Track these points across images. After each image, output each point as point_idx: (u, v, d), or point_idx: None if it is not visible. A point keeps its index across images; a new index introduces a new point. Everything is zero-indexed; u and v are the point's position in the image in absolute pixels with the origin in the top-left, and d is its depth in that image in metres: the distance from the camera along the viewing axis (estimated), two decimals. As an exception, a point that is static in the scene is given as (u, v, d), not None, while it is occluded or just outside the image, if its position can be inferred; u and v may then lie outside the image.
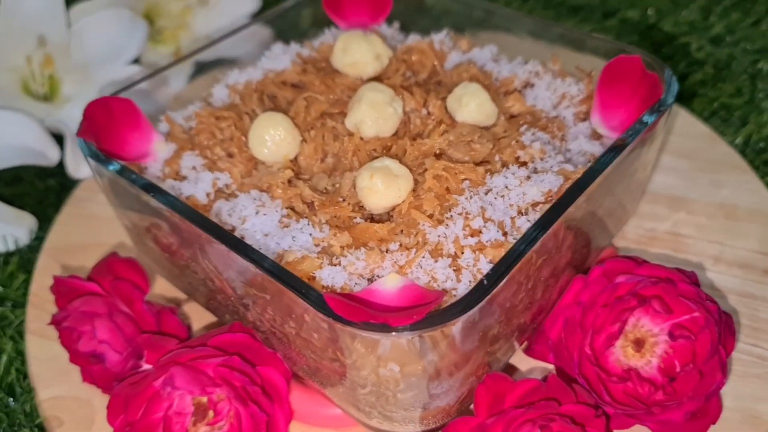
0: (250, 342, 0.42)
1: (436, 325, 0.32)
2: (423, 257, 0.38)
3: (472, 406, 0.40)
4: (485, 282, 0.34)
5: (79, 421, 0.46)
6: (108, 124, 0.46)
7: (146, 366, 0.44)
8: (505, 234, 0.39)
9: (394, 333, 0.32)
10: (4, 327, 0.54)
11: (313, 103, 0.48)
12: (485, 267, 0.37)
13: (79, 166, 0.65)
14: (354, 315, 0.32)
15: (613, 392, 0.41)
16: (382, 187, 0.40)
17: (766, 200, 0.57)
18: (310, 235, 0.40)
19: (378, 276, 0.38)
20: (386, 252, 0.39)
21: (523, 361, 0.47)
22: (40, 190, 0.67)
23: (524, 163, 0.43)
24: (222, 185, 0.44)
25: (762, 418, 0.43)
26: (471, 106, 0.45)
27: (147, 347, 0.43)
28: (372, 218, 0.41)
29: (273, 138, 0.44)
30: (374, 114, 0.44)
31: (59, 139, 0.64)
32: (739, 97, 0.71)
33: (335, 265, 0.38)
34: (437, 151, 0.44)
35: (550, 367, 0.46)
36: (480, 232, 0.38)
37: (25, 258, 0.60)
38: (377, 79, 0.50)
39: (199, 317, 0.51)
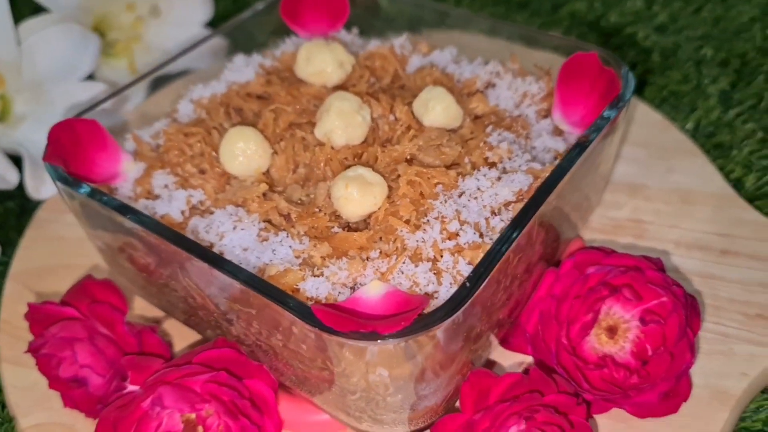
0: (235, 356, 0.42)
1: (423, 329, 0.33)
2: (404, 263, 0.38)
3: (458, 404, 0.42)
4: (467, 284, 0.35)
5: (63, 447, 0.46)
6: (74, 147, 0.46)
7: (131, 387, 0.44)
8: (481, 235, 0.40)
9: (382, 341, 0.33)
10: (-25, 356, 0.53)
11: (281, 114, 0.48)
12: (465, 269, 0.38)
13: (39, 187, 0.64)
14: (343, 325, 0.33)
15: (591, 379, 0.43)
16: (358, 195, 0.41)
17: (718, 183, 0.60)
18: (290, 247, 0.40)
19: (361, 284, 0.39)
20: (367, 260, 0.39)
21: (501, 355, 0.48)
22: (-1, 213, 0.66)
23: (493, 164, 0.44)
24: (196, 202, 0.44)
25: (729, 393, 0.46)
26: (437, 109, 0.46)
27: (131, 368, 0.43)
28: (349, 227, 0.42)
29: (244, 152, 0.45)
30: (343, 123, 0.45)
31: (15, 160, 0.63)
32: (686, 84, 0.73)
33: (318, 276, 0.39)
34: (408, 157, 0.45)
35: (528, 359, 0.48)
36: (457, 234, 0.39)
37: (-10, 285, 0.59)
38: (342, 87, 0.51)
39: (179, 334, 0.51)
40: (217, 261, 0.37)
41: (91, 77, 0.69)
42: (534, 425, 0.39)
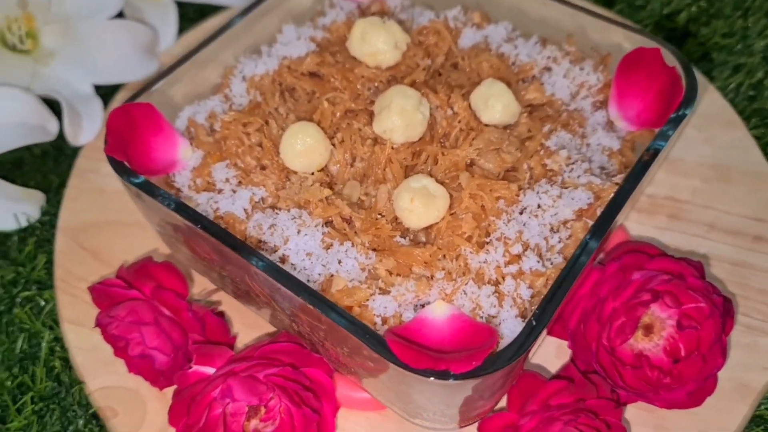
0: (297, 349, 0.45)
1: (494, 369, 0.35)
2: (467, 284, 0.40)
3: (504, 401, 0.45)
4: (533, 322, 0.37)
5: (132, 412, 0.49)
6: (132, 134, 0.46)
7: (195, 367, 0.47)
8: (541, 257, 0.41)
9: (454, 380, 0.35)
10: (36, 314, 0.55)
11: (337, 102, 0.48)
12: (525, 293, 0.40)
13: (77, 134, 0.64)
14: (418, 362, 0.35)
15: (626, 378, 0.46)
16: (422, 209, 0.42)
17: (755, 159, 0.60)
18: (356, 259, 0.42)
19: (425, 303, 0.40)
20: (432, 279, 0.41)
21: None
22: (37, 156, 0.66)
23: (552, 173, 0.45)
24: (258, 199, 0.45)
25: (750, 387, 0.49)
26: (497, 108, 0.46)
27: (198, 354, 0.46)
28: (411, 234, 0.43)
29: (305, 149, 0.45)
30: (404, 122, 0.45)
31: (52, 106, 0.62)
32: (730, 37, 0.72)
33: (385, 293, 0.41)
34: (468, 161, 0.45)
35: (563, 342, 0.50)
36: (519, 258, 0.41)
37: (41, 237, 0.60)
38: (396, 68, 0.50)
39: (235, 307, 0.53)
40: (287, 280, 0.38)
41: (120, 15, 0.67)
42: (574, 426, 0.43)
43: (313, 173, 0.46)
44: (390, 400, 0.44)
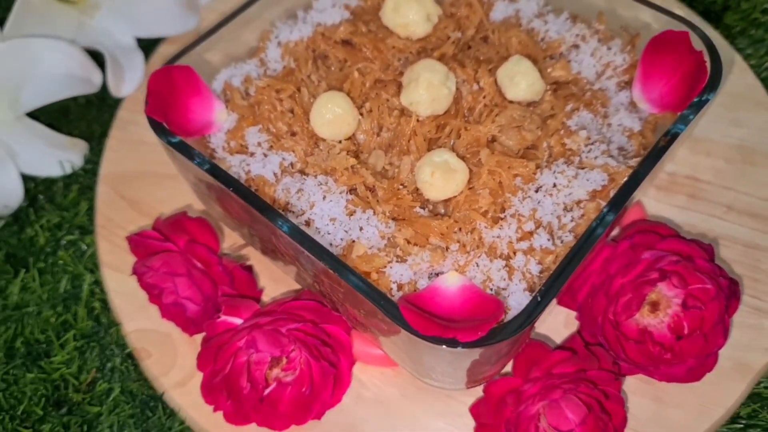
0: (318, 307, 0.48)
1: (499, 340, 0.38)
2: (480, 257, 0.42)
3: (510, 367, 0.48)
4: (539, 298, 0.39)
5: (163, 354, 0.53)
6: (171, 96, 0.48)
7: (224, 317, 0.50)
8: (552, 236, 0.43)
9: (461, 347, 0.38)
10: (79, 257, 0.59)
11: (367, 73, 0.49)
12: (535, 268, 0.42)
13: (119, 86, 0.66)
14: (427, 329, 0.38)
15: (629, 352, 0.48)
16: (442, 183, 0.44)
17: (782, 143, 0.61)
18: (377, 228, 0.44)
19: (439, 272, 0.43)
20: (447, 250, 0.43)
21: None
22: (81, 105, 0.69)
23: (571, 153, 0.46)
24: (288, 164, 0.47)
25: (750, 366, 0.51)
26: (522, 85, 0.48)
27: (226, 306, 0.49)
28: (430, 206, 0.46)
29: (334, 117, 0.47)
30: (430, 96, 0.47)
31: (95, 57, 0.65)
32: (771, 14, 0.71)
33: (402, 262, 0.43)
34: (489, 137, 0.47)
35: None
36: (531, 235, 0.43)
37: (84, 184, 0.63)
38: (427, 40, 0.51)
39: (259, 262, 0.56)
40: (311, 245, 0.41)
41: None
42: (574, 394, 0.46)
43: (340, 141, 0.48)
44: (402, 360, 0.47)
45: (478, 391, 0.48)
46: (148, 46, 0.69)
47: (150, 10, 0.68)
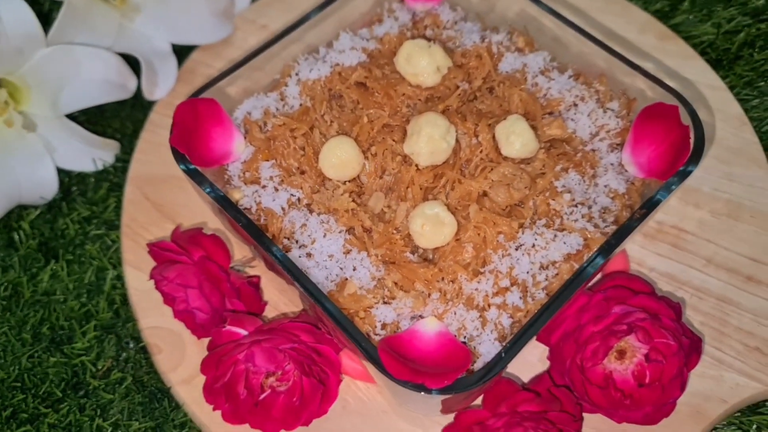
0: (312, 329, 0.53)
1: (463, 389, 0.43)
2: (457, 307, 0.47)
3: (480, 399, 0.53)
4: (503, 355, 0.44)
5: (173, 352, 0.59)
6: (195, 126, 0.53)
7: (229, 327, 0.55)
8: (525, 293, 0.48)
9: (426, 393, 0.43)
10: (104, 251, 0.65)
11: (376, 119, 0.53)
12: (506, 322, 0.47)
13: (153, 90, 0.71)
14: (400, 373, 0.43)
15: (592, 395, 0.53)
16: (431, 234, 0.48)
17: (768, 202, 0.64)
18: (368, 270, 0.49)
19: (421, 315, 0.48)
20: (429, 297, 0.48)
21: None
22: (116, 103, 0.74)
23: (554, 214, 0.50)
24: (295, 200, 0.52)
25: (706, 414, 0.55)
26: (516, 145, 0.51)
27: (231, 319, 0.55)
28: (420, 250, 0.50)
29: (341, 161, 0.51)
30: (430, 149, 0.51)
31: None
32: (781, 67, 0.73)
33: (387, 303, 0.48)
34: (481, 192, 0.51)
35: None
36: (506, 291, 0.47)
37: (113, 181, 0.69)
38: (435, 89, 0.55)
39: (265, 274, 0.61)
40: (303, 281, 0.46)
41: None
42: (534, 430, 0.50)
43: (345, 183, 0.52)
44: (381, 387, 0.52)
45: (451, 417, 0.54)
46: (181, 51, 0.74)
47: (187, 18, 0.72)
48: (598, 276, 0.58)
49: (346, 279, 0.49)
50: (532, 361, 0.57)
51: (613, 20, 0.74)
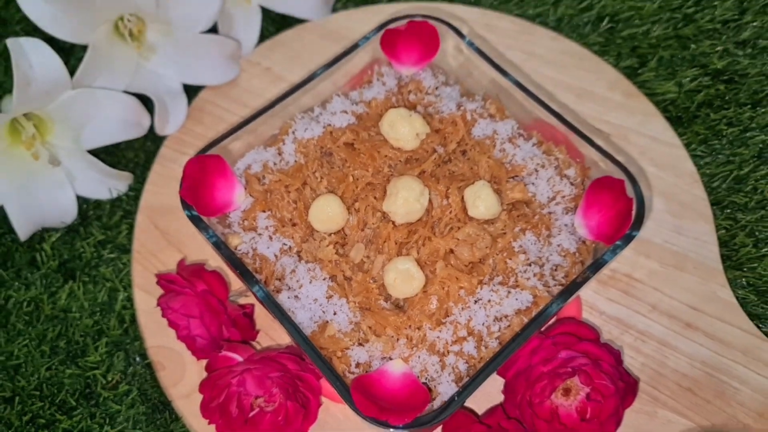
0: (297, 360, 0.61)
1: (421, 425, 0.51)
2: (421, 351, 0.55)
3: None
4: (455, 398, 0.51)
5: (175, 369, 0.67)
6: (202, 179, 0.60)
7: (225, 352, 0.63)
8: (480, 342, 0.55)
9: (391, 429, 0.51)
10: (117, 273, 0.73)
11: (360, 178, 0.61)
12: (462, 367, 0.55)
13: (164, 126, 0.78)
14: (368, 410, 0.51)
15: (539, 428, 0.61)
16: (402, 286, 0.56)
17: (711, 255, 0.71)
18: (347, 316, 0.56)
19: (390, 357, 0.55)
20: (397, 341, 0.56)
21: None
22: (131, 134, 0.81)
23: (510, 272, 0.58)
24: (287, 248, 0.60)
25: (638, 447, 0.64)
26: (481, 208, 0.59)
27: (227, 346, 0.62)
28: (392, 298, 0.58)
29: (327, 218, 0.59)
30: (405, 209, 0.58)
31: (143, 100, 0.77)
32: (734, 126, 0.80)
33: (362, 345, 0.56)
34: (448, 248, 0.58)
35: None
36: (464, 340, 0.55)
37: (126, 209, 0.76)
38: (414, 152, 0.63)
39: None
40: (288, 322, 0.54)
41: (213, 29, 0.79)
42: (486, 457, 0.59)
43: (331, 234, 0.60)
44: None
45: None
46: (190, 90, 0.81)
47: (198, 60, 0.79)
48: (553, 319, 0.66)
49: (327, 322, 0.57)
50: (490, 392, 0.65)
51: (585, 76, 0.81)
